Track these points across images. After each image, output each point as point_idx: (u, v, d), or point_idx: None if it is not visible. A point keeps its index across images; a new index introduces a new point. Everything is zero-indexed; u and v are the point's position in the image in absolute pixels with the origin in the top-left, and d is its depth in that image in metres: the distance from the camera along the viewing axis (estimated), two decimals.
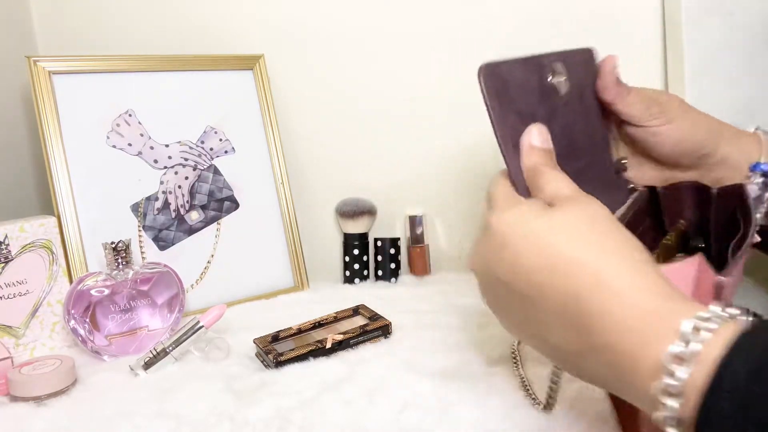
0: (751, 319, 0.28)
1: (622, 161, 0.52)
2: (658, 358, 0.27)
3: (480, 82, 0.44)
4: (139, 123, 0.72)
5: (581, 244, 0.32)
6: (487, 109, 0.43)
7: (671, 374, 0.27)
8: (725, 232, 0.47)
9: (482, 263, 0.37)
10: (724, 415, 0.25)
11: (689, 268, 0.39)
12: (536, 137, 0.41)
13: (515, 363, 0.48)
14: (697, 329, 0.27)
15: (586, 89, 0.50)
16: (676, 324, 0.27)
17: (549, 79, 0.47)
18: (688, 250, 0.51)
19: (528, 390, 0.45)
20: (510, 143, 0.43)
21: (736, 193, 0.49)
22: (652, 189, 0.53)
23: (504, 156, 0.43)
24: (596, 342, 0.30)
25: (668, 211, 0.53)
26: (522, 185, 0.41)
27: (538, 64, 0.47)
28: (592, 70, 0.51)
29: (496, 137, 0.44)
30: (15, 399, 0.50)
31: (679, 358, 0.27)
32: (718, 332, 0.27)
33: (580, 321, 0.31)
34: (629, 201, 0.52)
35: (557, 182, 0.37)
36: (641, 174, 0.52)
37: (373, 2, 0.83)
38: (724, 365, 0.25)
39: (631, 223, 0.49)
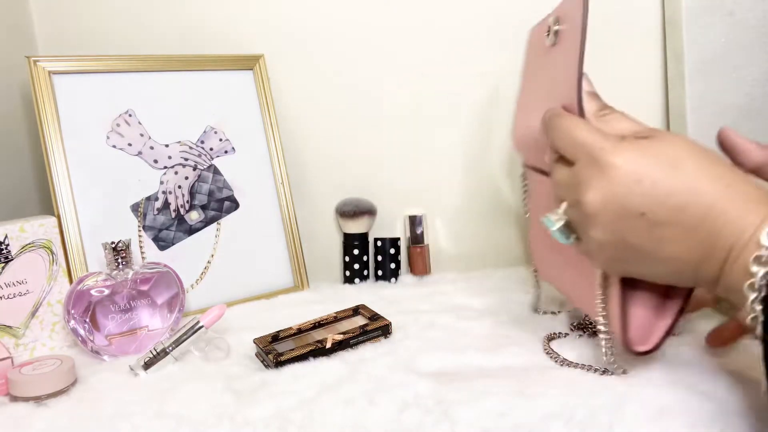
0: None
1: None
2: (757, 233, 0.34)
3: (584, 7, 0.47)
4: (139, 123, 0.72)
5: (700, 165, 0.38)
6: (582, 38, 0.47)
7: (765, 247, 0.33)
8: None
9: (615, 202, 0.39)
10: None
11: None
12: (587, 86, 0.46)
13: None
14: None
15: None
16: None
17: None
18: None
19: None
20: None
21: None
22: None
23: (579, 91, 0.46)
24: (719, 243, 0.36)
25: None
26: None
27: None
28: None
29: (580, 68, 0.47)
30: (15, 399, 0.50)
31: None
32: None
33: (711, 227, 0.36)
34: None
35: (625, 121, 0.44)
36: None
37: (373, 2, 0.83)
38: None
39: None
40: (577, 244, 0.44)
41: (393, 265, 0.82)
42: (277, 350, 0.55)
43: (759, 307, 0.32)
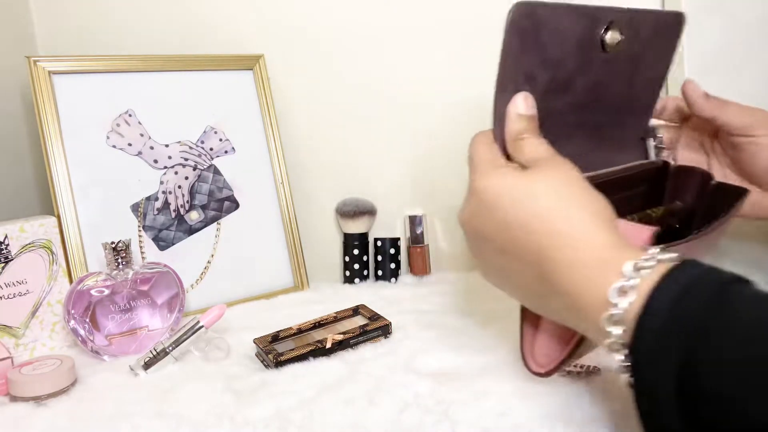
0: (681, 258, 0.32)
1: (657, 134, 0.54)
2: (605, 294, 0.32)
3: (507, 19, 0.45)
4: (139, 123, 0.72)
5: (551, 203, 0.38)
6: (503, 49, 0.46)
7: (615, 305, 0.32)
8: (703, 224, 0.47)
9: (471, 222, 0.42)
10: (653, 332, 0.30)
11: (641, 233, 0.41)
12: (522, 106, 0.45)
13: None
14: (638, 268, 0.32)
15: (648, 53, 0.50)
16: (621, 266, 0.32)
17: (601, 33, 0.47)
18: (664, 227, 0.51)
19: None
20: (509, 89, 0.46)
21: (734, 193, 0.49)
22: (665, 163, 0.54)
23: (496, 103, 0.46)
24: (556, 287, 0.36)
25: (671, 189, 0.54)
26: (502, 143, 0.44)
27: (593, 16, 0.46)
28: (668, 36, 0.51)
29: (498, 80, 0.46)
30: (15, 399, 0.50)
31: (622, 291, 0.32)
32: (655, 269, 0.31)
33: (544, 269, 0.36)
34: (631, 164, 0.52)
35: (537, 147, 0.42)
36: None
37: (373, 2, 0.83)
38: (655, 292, 0.30)
39: (620, 182, 0.50)
40: None
41: (393, 265, 0.82)
42: (277, 350, 0.55)
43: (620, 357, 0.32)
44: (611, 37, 0.47)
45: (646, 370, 0.30)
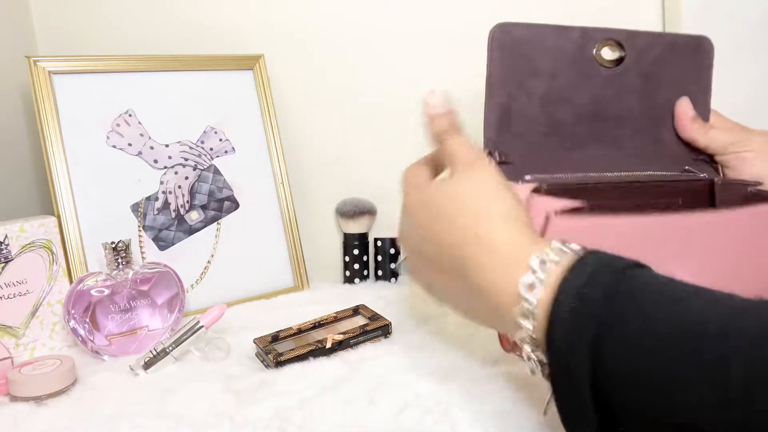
0: (584, 249, 0.34)
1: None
2: (516, 289, 0.34)
3: (489, 38, 0.50)
4: (139, 123, 0.72)
5: (466, 207, 0.40)
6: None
7: (525, 299, 0.33)
8: None
9: (402, 237, 0.45)
10: (564, 320, 0.31)
11: (548, 202, 0.44)
12: (435, 105, 0.49)
13: None
14: (543, 262, 0.34)
15: (666, 72, 0.52)
16: (528, 262, 0.34)
17: (594, 51, 0.51)
18: None
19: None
20: (496, 94, 0.50)
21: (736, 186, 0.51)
22: (710, 181, 0.55)
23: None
24: (474, 285, 0.37)
25: (722, 204, 0.55)
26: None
27: (581, 35, 0.51)
28: (691, 58, 0.53)
29: (486, 88, 0.50)
30: (15, 399, 0.50)
31: (531, 286, 0.34)
32: (560, 263, 0.33)
33: (463, 271, 0.38)
34: (670, 175, 0.54)
35: (455, 148, 0.45)
36: None
37: (373, 2, 0.83)
38: (562, 284, 0.32)
39: (645, 190, 0.52)
40: None
41: (393, 265, 0.82)
42: (277, 350, 0.55)
43: (535, 358, 0.34)
44: (607, 53, 0.50)
45: (560, 357, 0.32)
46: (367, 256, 0.83)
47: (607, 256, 0.34)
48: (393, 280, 0.82)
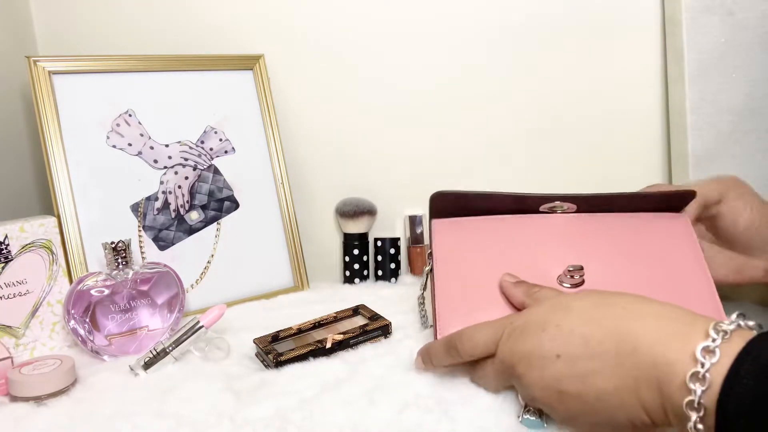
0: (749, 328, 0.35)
1: None
2: (689, 356, 0.34)
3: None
4: (139, 123, 0.72)
5: (613, 302, 0.40)
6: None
7: (702, 364, 0.33)
8: None
9: (530, 357, 0.41)
10: (746, 384, 0.31)
11: None
12: (510, 279, 0.50)
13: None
14: (719, 330, 0.34)
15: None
16: (706, 327, 0.35)
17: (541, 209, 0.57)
18: None
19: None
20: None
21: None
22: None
23: None
24: (639, 359, 0.36)
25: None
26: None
27: (515, 199, 0.56)
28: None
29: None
30: (15, 399, 0.50)
31: (709, 351, 0.33)
32: (737, 332, 0.34)
33: (624, 349, 0.37)
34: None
35: (549, 290, 0.47)
36: (716, 264, 0.56)
37: (373, 3, 0.83)
38: (742, 352, 0.32)
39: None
40: (549, 419, 0.43)
41: (393, 265, 0.82)
42: (277, 350, 0.55)
43: (701, 427, 0.32)
44: (556, 207, 0.56)
45: (741, 422, 0.31)
46: (367, 256, 0.83)
47: None
48: (393, 280, 0.82)
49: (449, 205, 0.57)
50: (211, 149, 0.76)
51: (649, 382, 0.35)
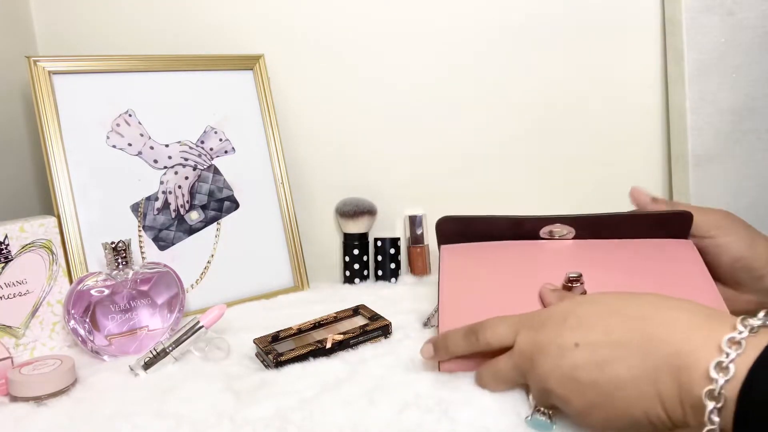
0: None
1: None
2: (715, 344, 0.34)
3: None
4: (139, 123, 0.72)
5: (639, 297, 0.41)
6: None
7: (727, 353, 0.33)
8: None
9: (549, 347, 0.41)
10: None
11: None
12: (550, 287, 0.52)
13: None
14: (746, 324, 0.34)
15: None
16: (733, 321, 0.35)
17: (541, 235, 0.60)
18: None
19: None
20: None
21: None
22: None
23: None
24: (660, 347, 0.36)
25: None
26: None
27: (511, 222, 0.59)
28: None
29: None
30: (15, 399, 0.50)
31: (735, 342, 0.33)
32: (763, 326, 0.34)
33: (645, 335, 0.37)
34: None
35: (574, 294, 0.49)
36: None
37: (373, 3, 0.83)
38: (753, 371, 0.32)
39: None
40: (558, 414, 0.42)
41: (393, 265, 0.82)
42: (277, 350, 0.55)
43: (716, 419, 0.32)
44: (554, 232, 0.59)
45: (762, 414, 0.31)
46: (367, 256, 0.83)
47: None
48: (393, 280, 0.82)
49: (454, 228, 0.60)
50: (211, 149, 0.76)
51: (670, 372, 0.35)
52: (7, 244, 0.59)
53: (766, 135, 0.81)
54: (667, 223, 0.57)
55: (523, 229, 0.59)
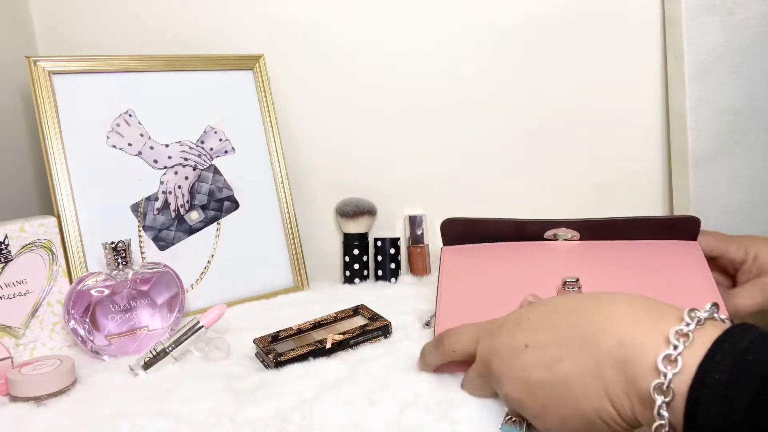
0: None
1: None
2: (663, 337, 0.33)
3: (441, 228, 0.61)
4: (139, 123, 0.72)
5: (565, 298, 0.41)
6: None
7: (675, 346, 0.32)
8: None
9: (501, 350, 0.41)
10: (721, 381, 0.30)
11: None
12: (532, 298, 0.52)
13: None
14: (693, 316, 0.33)
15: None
16: (680, 313, 0.34)
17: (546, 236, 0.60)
18: None
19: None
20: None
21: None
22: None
23: None
24: (606, 340, 0.35)
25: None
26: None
27: (514, 225, 0.60)
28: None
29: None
30: (15, 399, 0.50)
31: (682, 334, 0.33)
32: (709, 319, 0.34)
33: (589, 331, 0.37)
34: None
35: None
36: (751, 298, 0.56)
37: (373, 2, 0.83)
38: (718, 339, 0.32)
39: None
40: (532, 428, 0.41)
41: (393, 265, 0.82)
42: (277, 350, 0.55)
43: (666, 414, 0.31)
44: (558, 235, 0.59)
45: (713, 408, 0.30)
46: (367, 256, 0.83)
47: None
48: (393, 280, 0.82)
49: (458, 230, 0.60)
50: (211, 149, 0.76)
51: (614, 365, 0.34)
52: (7, 244, 0.59)
53: (766, 135, 0.81)
54: (674, 228, 0.57)
55: (527, 232, 0.59)
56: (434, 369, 0.49)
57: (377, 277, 0.83)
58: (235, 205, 0.77)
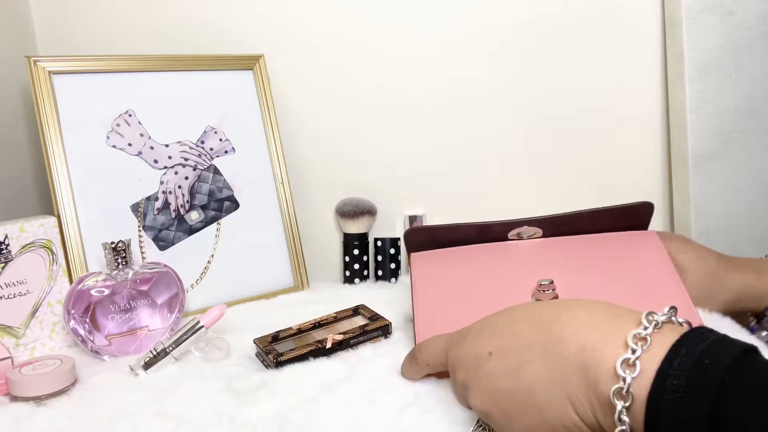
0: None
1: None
2: (622, 340, 0.33)
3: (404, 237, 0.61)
4: (139, 123, 0.72)
5: (528, 305, 0.42)
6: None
7: (633, 350, 0.32)
8: None
9: (467, 358, 0.41)
10: (679, 387, 0.30)
11: None
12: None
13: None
14: (651, 320, 0.34)
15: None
16: (639, 317, 0.34)
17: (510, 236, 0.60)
18: None
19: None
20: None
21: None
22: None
23: None
24: (564, 346, 0.36)
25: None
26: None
27: (479, 228, 0.60)
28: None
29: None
30: (15, 399, 0.50)
31: (640, 338, 0.33)
32: (667, 324, 0.34)
33: (550, 337, 0.37)
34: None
35: None
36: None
37: (373, 2, 0.83)
38: (676, 344, 0.32)
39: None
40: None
41: (393, 265, 0.82)
42: (277, 350, 0.55)
43: (626, 419, 0.31)
44: (522, 234, 0.60)
45: (673, 414, 0.30)
46: (367, 256, 0.83)
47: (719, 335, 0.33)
48: (393, 280, 0.82)
49: (423, 238, 0.60)
50: (211, 149, 0.76)
51: (575, 371, 0.34)
52: (7, 244, 0.59)
53: (766, 135, 0.81)
54: (630, 216, 0.59)
55: (490, 233, 0.60)
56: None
57: (377, 277, 0.83)
58: (235, 205, 0.77)
